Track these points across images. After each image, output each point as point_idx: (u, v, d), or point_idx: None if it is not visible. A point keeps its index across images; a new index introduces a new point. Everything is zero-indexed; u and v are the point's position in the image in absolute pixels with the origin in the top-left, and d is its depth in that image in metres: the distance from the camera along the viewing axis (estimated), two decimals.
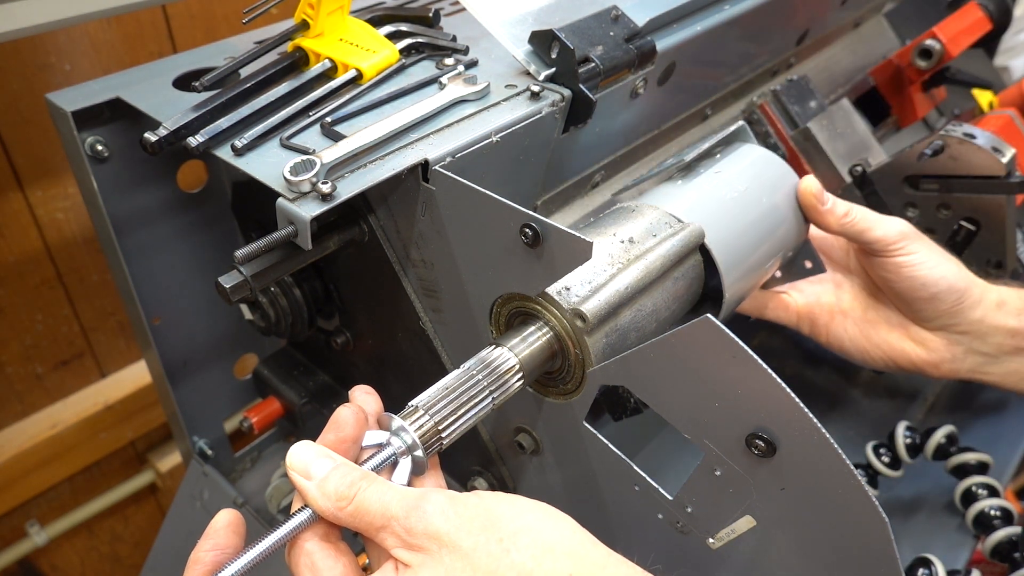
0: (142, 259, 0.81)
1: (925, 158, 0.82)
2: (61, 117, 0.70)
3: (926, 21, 1.10)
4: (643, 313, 0.60)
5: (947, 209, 0.85)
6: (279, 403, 0.94)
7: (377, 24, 0.76)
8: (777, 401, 0.46)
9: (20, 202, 1.18)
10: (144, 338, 0.86)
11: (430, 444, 0.50)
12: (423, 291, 0.68)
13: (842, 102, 0.99)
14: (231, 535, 0.48)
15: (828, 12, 1.01)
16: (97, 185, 0.74)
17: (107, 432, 1.40)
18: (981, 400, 1.07)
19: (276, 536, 0.46)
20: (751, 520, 0.52)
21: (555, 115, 0.67)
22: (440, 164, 0.60)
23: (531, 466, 0.70)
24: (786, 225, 0.74)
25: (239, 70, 0.71)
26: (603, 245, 0.61)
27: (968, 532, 0.89)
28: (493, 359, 0.55)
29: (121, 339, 1.41)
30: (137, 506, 1.56)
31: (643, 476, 0.58)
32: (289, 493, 1.00)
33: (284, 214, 0.55)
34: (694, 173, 0.73)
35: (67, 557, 1.49)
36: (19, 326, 1.26)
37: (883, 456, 0.92)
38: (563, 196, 0.78)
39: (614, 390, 0.63)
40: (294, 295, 0.78)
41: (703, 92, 0.89)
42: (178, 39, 1.25)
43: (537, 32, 0.68)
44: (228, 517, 0.48)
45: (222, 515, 0.48)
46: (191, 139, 0.61)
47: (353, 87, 0.68)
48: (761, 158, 0.76)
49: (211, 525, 0.48)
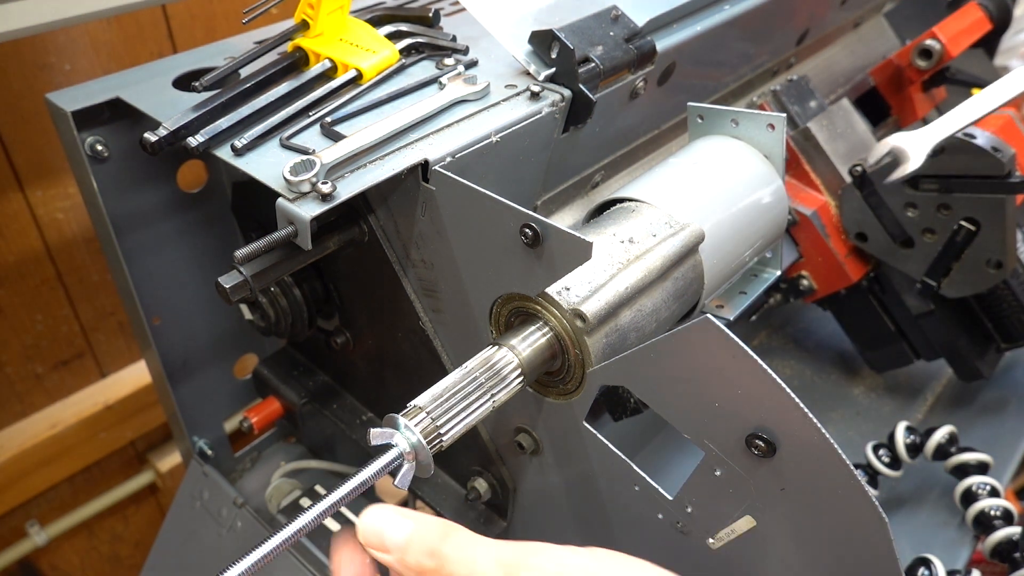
0: (142, 259, 0.81)
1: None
2: (61, 117, 0.70)
3: (926, 21, 1.10)
4: (643, 313, 0.60)
5: (947, 209, 0.85)
6: (279, 403, 0.94)
7: (377, 24, 0.76)
8: (777, 401, 0.46)
9: (20, 202, 1.18)
10: (144, 338, 0.86)
11: (431, 444, 0.50)
12: (423, 291, 0.68)
13: (842, 102, 0.99)
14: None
15: (828, 12, 1.01)
16: (97, 185, 0.74)
17: (107, 432, 1.40)
18: (981, 400, 1.07)
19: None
20: (751, 520, 0.52)
21: (555, 115, 0.67)
22: (440, 164, 0.60)
23: (531, 466, 0.70)
24: (764, 220, 0.74)
25: (239, 70, 0.71)
26: (603, 245, 0.61)
27: (968, 532, 0.89)
28: (493, 359, 0.55)
29: (121, 339, 1.41)
30: (137, 506, 1.56)
31: (643, 476, 0.58)
32: (289, 493, 1.00)
33: (284, 214, 0.55)
34: (667, 164, 0.74)
35: (67, 557, 1.49)
36: (19, 326, 1.26)
37: (883, 456, 0.92)
38: (563, 196, 0.78)
39: (614, 390, 0.63)
40: (294, 295, 0.78)
41: (703, 92, 0.89)
42: (178, 39, 1.25)
43: (537, 32, 0.68)
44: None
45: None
46: (191, 139, 0.61)
47: (353, 87, 0.68)
48: (737, 149, 0.76)
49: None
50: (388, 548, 0.42)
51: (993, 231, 0.83)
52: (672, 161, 0.74)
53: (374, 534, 0.43)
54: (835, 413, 1.07)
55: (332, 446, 0.98)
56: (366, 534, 0.43)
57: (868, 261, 0.94)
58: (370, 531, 0.43)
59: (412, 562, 0.41)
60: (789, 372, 1.14)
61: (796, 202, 0.90)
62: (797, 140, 0.92)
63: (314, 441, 1.03)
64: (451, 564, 0.41)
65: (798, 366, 1.15)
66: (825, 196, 0.92)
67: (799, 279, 0.95)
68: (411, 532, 0.42)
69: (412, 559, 0.41)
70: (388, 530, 0.42)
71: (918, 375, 1.11)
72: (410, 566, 0.41)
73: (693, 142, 0.77)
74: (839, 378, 1.13)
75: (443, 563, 0.41)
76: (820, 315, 1.13)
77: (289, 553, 0.88)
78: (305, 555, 0.88)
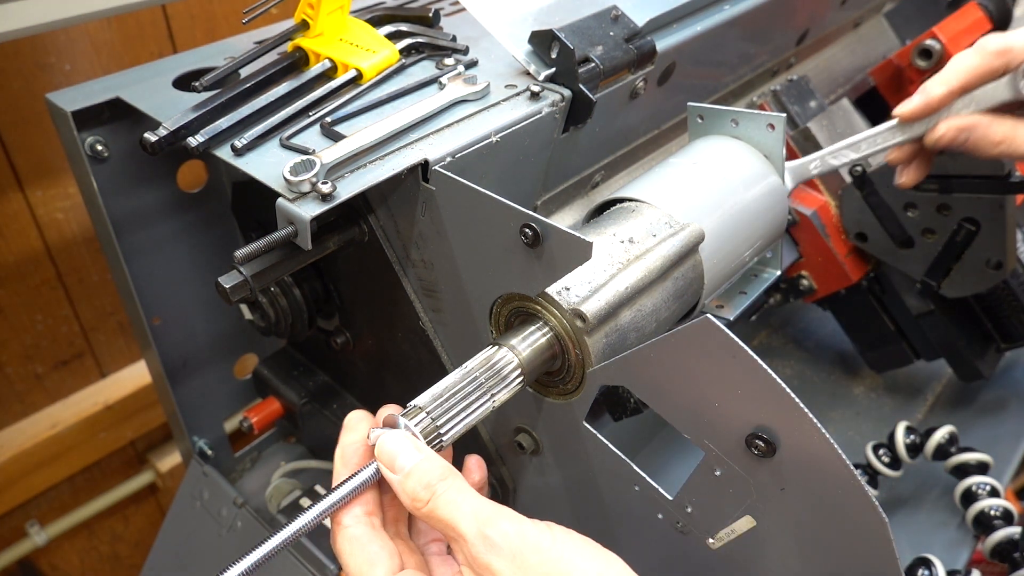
0: (142, 259, 0.81)
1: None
2: (61, 117, 0.70)
3: (926, 21, 1.10)
4: (643, 313, 0.60)
5: (947, 209, 0.85)
6: (279, 403, 0.94)
7: (377, 24, 0.76)
8: (777, 401, 0.46)
9: (20, 202, 1.18)
10: (144, 338, 0.86)
11: (431, 444, 0.50)
12: (423, 291, 0.68)
13: (842, 102, 0.99)
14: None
15: (828, 12, 1.01)
16: (97, 185, 0.74)
17: (107, 432, 1.40)
18: (981, 400, 1.07)
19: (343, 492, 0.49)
20: (751, 520, 0.52)
21: (555, 115, 0.67)
22: (440, 164, 0.60)
23: (531, 466, 0.70)
24: (764, 219, 0.74)
25: (239, 70, 0.71)
26: (603, 245, 0.61)
27: (968, 532, 0.89)
28: (493, 359, 0.55)
29: (121, 339, 1.41)
30: (137, 506, 1.56)
31: (643, 476, 0.58)
32: (289, 493, 1.00)
33: (284, 214, 0.55)
34: (667, 164, 0.74)
35: (67, 557, 1.49)
36: (19, 326, 1.26)
37: (883, 456, 0.92)
38: (563, 196, 0.78)
39: (614, 390, 0.63)
40: (294, 295, 0.78)
41: (703, 92, 0.89)
42: (178, 39, 1.25)
43: (537, 32, 0.68)
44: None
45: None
46: (191, 139, 0.61)
47: (353, 87, 0.68)
48: (738, 150, 0.76)
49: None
50: (395, 469, 0.49)
51: (993, 231, 0.83)
52: (672, 161, 0.74)
53: (387, 455, 0.49)
54: (835, 413, 1.07)
55: (332, 446, 0.98)
56: (380, 452, 0.50)
57: (868, 261, 0.94)
58: (385, 451, 0.49)
59: (409, 488, 0.48)
60: (789, 372, 1.14)
61: (796, 202, 0.90)
62: (797, 140, 0.92)
63: (314, 441, 1.03)
64: (438, 500, 0.47)
65: (798, 366, 1.15)
66: (825, 196, 0.92)
67: (799, 279, 0.95)
68: (417, 463, 0.48)
69: (410, 486, 0.48)
70: (400, 456, 0.49)
71: (918, 375, 1.11)
72: (407, 491, 0.48)
73: (693, 142, 0.77)
74: (839, 378, 1.13)
75: (433, 498, 0.47)
76: (820, 315, 1.13)
77: (289, 553, 0.88)
78: (305, 555, 0.88)
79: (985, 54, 0.66)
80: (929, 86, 0.67)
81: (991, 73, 0.66)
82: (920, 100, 0.68)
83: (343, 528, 0.50)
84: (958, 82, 0.67)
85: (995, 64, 0.66)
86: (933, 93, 0.67)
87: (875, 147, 0.74)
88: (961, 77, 0.66)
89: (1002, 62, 0.66)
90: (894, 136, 0.72)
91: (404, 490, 0.48)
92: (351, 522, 0.50)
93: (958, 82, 0.67)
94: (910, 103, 0.68)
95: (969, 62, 0.66)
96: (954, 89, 0.67)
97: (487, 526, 0.46)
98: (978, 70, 0.66)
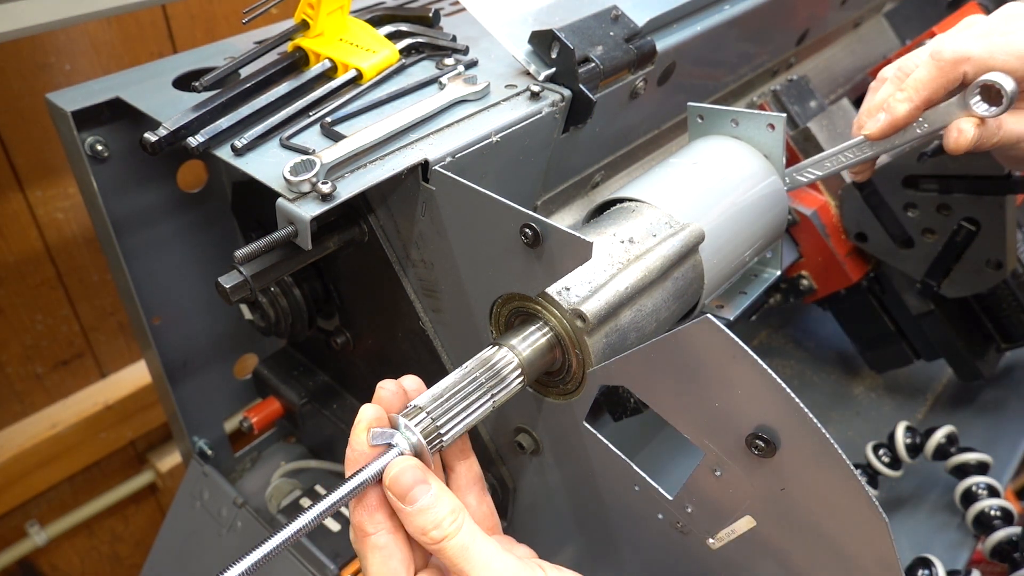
0: (142, 259, 0.81)
1: (925, 158, 0.82)
2: (61, 117, 0.70)
3: (926, 21, 1.10)
4: (643, 313, 0.60)
5: (947, 209, 0.85)
6: (279, 403, 0.94)
7: (377, 24, 0.76)
8: (777, 401, 0.46)
9: (20, 202, 1.19)
10: (144, 338, 0.86)
11: (431, 444, 0.50)
12: (423, 291, 0.68)
13: (842, 102, 0.99)
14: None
15: (828, 12, 1.01)
16: (97, 185, 0.74)
17: (107, 432, 1.40)
18: (981, 400, 1.07)
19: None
20: (751, 520, 0.52)
21: (555, 115, 0.67)
22: (440, 164, 0.60)
23: (531, 466, 0.70)
24: (764, 219, 0.74)
25: (239, 70, 0.71)
26: (603, 245, 0.61)
27: (968, 532, 0.89)
28: (493, 359, 0.55)
29: (121, 339, 1.41)
30: (137, 506, 1.56)
31: (643, 476, 0.58)
32: (289, 493, 1.00)
33: (284, 214, 0.55)
34: (667, 164, 0.74)
35: (67, 557, 1.50)
36: (19, 326, 1.26)
37: (883, 456, 0.92)
38: (563, 196, 0.78)
39: (614, 390, 0.63)
40: (294, 295, 0.78)
41: (703, 92, 0.89)
42: (178, 39, 1.25)
43: (537, 32, 0.68)
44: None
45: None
46: (191, 139, 0.61)
47: (353, 87, 0.68)
48: (737, 149, 0.76)
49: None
50: (405, 502, 0.49)
51: (993, 231, 0.83)
52: (672, 161, 0.74)
53: (399, 487, 0.49)
54: (835, 413, 1.07)
55: (332, 446, 0.98)
56: (392, 483, 0.49)
57: (868, 261, 0.94)
58: (397, 484, 0.49)
59: (418, 524, 0.48)
60: (789, 372, 1.14)
61: (796, 202, 0.90)
62: (797, 140, 0.92)
63: (314, 441, 1.03)
64: (449, 541, 0.48)
65: (798, 366, 1.15)
66: (825, 196, 0.92)
67: (799, 279, 0.95)
68: (427, 503, 0.49)
69: (419, 522, 0.48)
70: (412, 491, 0.49)
71: (918, 375, 1.11)
72: (416, 526, 0.49)
73: (693, 142, 0.77)
74: (839, 378, 1.13)
75: (444, 540, 0.48)
76: (820, 315, 1.13)
77: (289, 553, 0.88)
78: (305, 555, 0.88)
79: (942, 66, 0.65)
80: (893, 104, 0.68)
81: (951, 84, 0.66)
82: (886, 119, 0.68)
83: (368, 536, 0.50)
84: (920, 98, 0.67)
85: (953, 75, 0.66)
86: (898, 112, 0.67)
87: (841, 164, 0.75)
88: (922, 92, 0.67)
89: (959, 72, 0.66)
90: (862, 152, 0.73)
91: (413, 524, 0.49)
92: (373, 529, 0.50)
93: (920, 98, 0.67)
94: (876, 123, 0.69)
95: (927, 75, 0.66)
96: (918, 105, 0.67)
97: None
98: (937, 82, 0.66)
